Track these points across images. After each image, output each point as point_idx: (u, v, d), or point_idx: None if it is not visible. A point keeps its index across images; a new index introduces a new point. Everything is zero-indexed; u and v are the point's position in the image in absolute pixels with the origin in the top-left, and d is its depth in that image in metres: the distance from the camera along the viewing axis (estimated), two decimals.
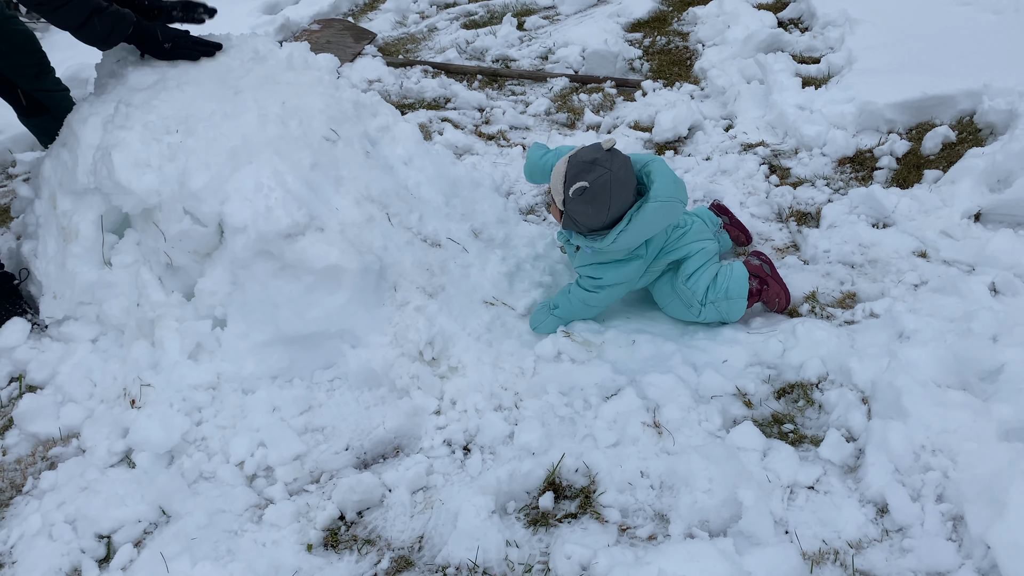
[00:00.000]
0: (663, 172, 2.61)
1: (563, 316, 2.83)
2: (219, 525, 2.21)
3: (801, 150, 3.93)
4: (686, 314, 2.84)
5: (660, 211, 2.57)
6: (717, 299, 2.76)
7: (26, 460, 2.52)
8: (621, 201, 2.56)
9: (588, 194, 2.54)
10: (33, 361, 2.78)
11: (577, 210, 2.61)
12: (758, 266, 2.91)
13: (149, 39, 2.91)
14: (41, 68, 3.22)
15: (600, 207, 2.56)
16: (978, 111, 3.64)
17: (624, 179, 2.55)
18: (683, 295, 2.80)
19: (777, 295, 2.87)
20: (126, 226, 2.89)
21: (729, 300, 2.76)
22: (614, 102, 4.83)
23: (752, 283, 2.83)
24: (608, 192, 2.53)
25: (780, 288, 2.88)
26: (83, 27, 2.72)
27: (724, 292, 2.76)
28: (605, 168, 2.52)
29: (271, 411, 2.57)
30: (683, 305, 2.82)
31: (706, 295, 2.76)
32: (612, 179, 2.52)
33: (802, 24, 5.36)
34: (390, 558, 2.11)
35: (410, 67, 5.54)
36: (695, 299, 2.78)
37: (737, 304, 2.78)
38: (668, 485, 2.21)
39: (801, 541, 2.02)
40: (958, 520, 2.00)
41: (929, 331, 2.53)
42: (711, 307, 2.78)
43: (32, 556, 2.16)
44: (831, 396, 2.43)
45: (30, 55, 3.15)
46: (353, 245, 2.70)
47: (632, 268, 2.74)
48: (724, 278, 2.78)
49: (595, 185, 2.52)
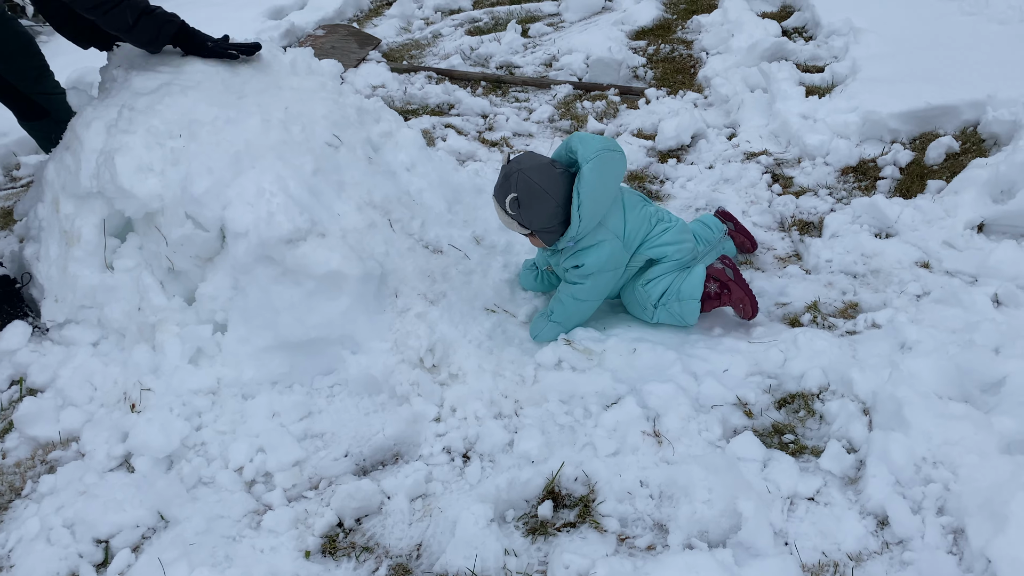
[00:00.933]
0: (583, 138, 2.64)
1: (560, 320, 2.82)
2: (217, 531, 2.21)
3: (804, 159, 3.92)
4: (642, 314, 2.88)
5: (598, 166, 2.57)
6: (668, 301, 2.78)
7: (25, 463, 2.52)
8: (549, 180, 2.59)
9: (521, 196, 2.59)
10: (34, 364, 2.78)
11: (531, 217, 2.63)
12: (720, 270, 2.89)
13: (193, 39, 3.00)
14: (41, 71, 3.23)
15: (539, 198, 2.59)
16: (982, 122, 3.63)
17: (536, 164, 2.61)
18: (639, 297, 2.83)
19: (741, 301, 2.84)
20: (128, 230, 2.90)
21: (681, 302, 2.77)
22: (617, 110, 4.83)
23: (710, 286, 2.82)
24: (530, 183, 2.58)
25: (744, 294, 2.83)
26: (133, 29, 2.81)
27: (676, 294, 2.78)
28: (514, 170, 2.60)
29: (271, 417, 2.56)
30: (639, 306, 2.86)
31: (660, 299, 2.79)
32: (525, 172, 2.59)
33: (806, 33, 5.37)
34: (388, 566, 2.11)
35: (414, 73, 5.55)
36: (649, 302, 2.81)
37: (689, 305, 2.78)
38: (667, 495, 2.20)
39: (801, 553, 2.01)
40: (959, 533, 1.99)
41: (931, 342, 2.52)
42: (663, 309, 2.80)
43: (30, 560, 2.15)
44: (832, 407, 2.42)
45: (31, 58, 3.16)
46: (355, 251, 2.70)
47: (608, 250, 2.70)
48: (679, 280, 2.80)
49: (518, 187, 2.58)
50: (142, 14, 2.81)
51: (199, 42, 3.01)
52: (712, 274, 2.85)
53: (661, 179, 3.97)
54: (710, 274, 2.84)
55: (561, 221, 2.65)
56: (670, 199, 3.77)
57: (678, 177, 3.95)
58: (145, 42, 2.92)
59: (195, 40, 3.01)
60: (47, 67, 3.26)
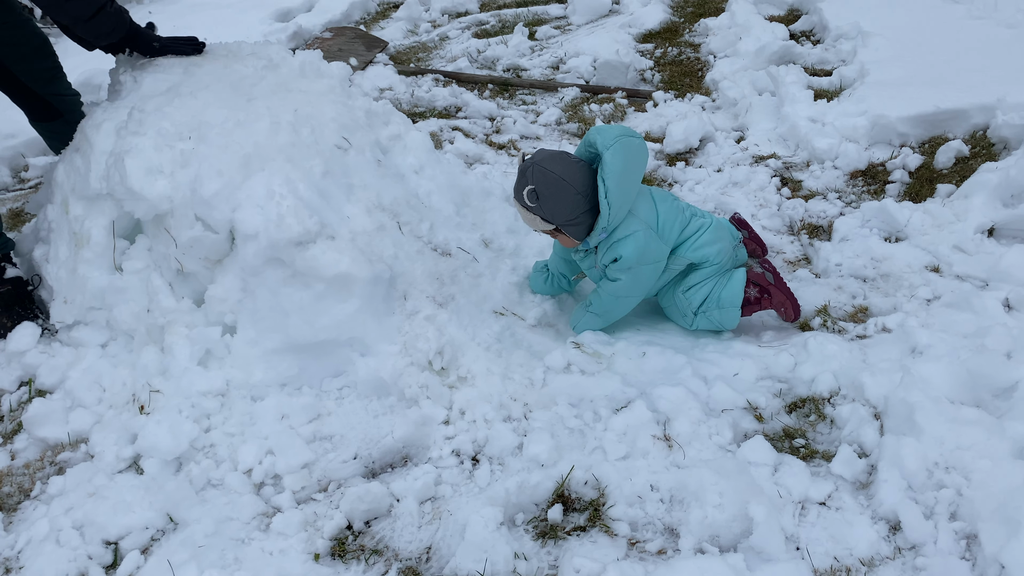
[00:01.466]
0: (600, 129, 2.63)
1: (599, 312, 2.80)
2: (226, 533, 2.21)
3: (813, 163, 3.92)
4: (681, 321, 2.88)
5: (620, 151, 2.55)
6: (709, 309, 2.78)
7: (34, 465, 2.52)
8: (566, 169, 2.59)
9: (539, 188, 2.58)
10: (43, 366, 2.78)
11: (552, 208, 2.61)
12: (760, 274, 2.90)
13: (140, 37, 3.01)
14: (56, 72, 3.24)
15: (558, 187, 2.58)
16: (992, 125, 3.62)
17: (551, 156, 2.62)
18: (680, 303, 2.82)
19: (782, 304, 2.85)
20: (138, 232, 2.90)
21: (721, 309, 2.78)
22: (625, 113, 4.83)
23: (751, 291, 2.82)
24: (547, 172, 2.58)
25: (785, 298, 2.85)
26: (91, 20, 2.77)
27: (716, 301, 2.78)
28: (529, 164, 2.61)
29: (280, 419, 2.56)
30: (679, 312, 2.86)
31: (700, 307, 2.79)
32: (540, 163, 2.59)
33: (814, 36, 5.36)
34: (397, 569, 2.10)
35: (421, 76, 5.56)
36: (689, 310, 2.81)
37: (730, 313, 2.78)
38: (678, 499, 2.19)
39: (812, 558, 2.00)
40: (972, 539, 1.98)
41: (942, 347, 2.51)
42: (703, 317, 2.80)
43: (39, 561, 2.15)
44: (843, 411, 2.41)
45: (46, 58, 3.17)
46: (364, 253, 2.70)
47: (644, 239, 2.66)
48: (719, 287, 2.79)
49: (535, 179, 2.58)
50: (101, 9, 2.79)
51: (146, 42, 3.03)
52: (752, 279, 2.84)
53: (670, 182, 3.97)
54: (750, 279, 2.84)
55: (586, 211, 2.62)
56: None
57: (687, 180, 3.95)
58: (96, 36, 2.90)
59: (141, 40, 3.02)
60: (61, 69, 3.27)
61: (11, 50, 3.05)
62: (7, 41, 3.02)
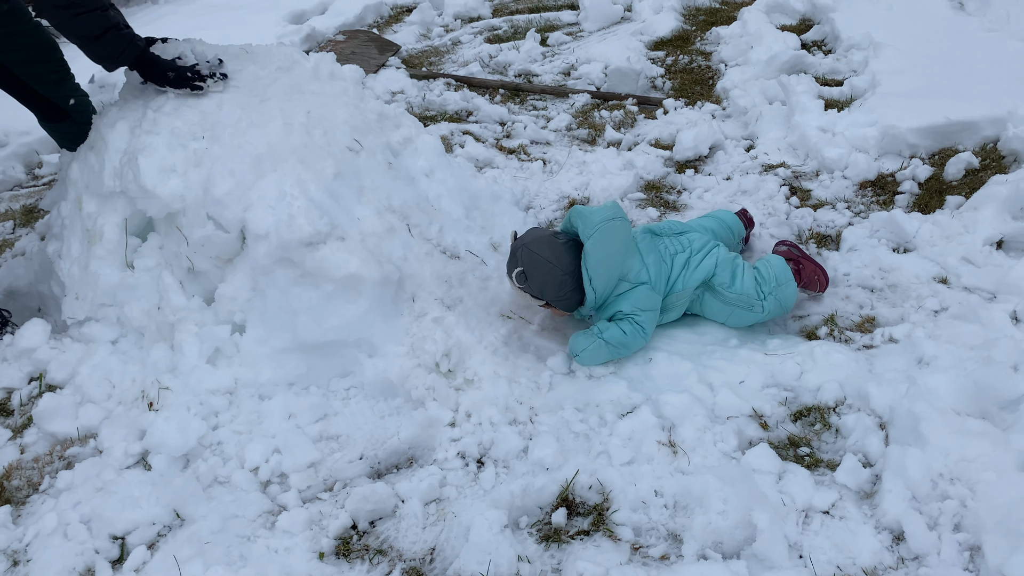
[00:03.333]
0: (581, 214, 2.76)
1: (613, 342, 2.69)
2: (232, 530, 2.22)
3: (822, 172, 3.92)
4: (751, 317, 2.88)
5: (600, 240, 2.68)
6: (773, 290, 2.83)
7: (43, 459, 2.54)
8: (551, 251, 2.71)
9: (527, 269, 2.69)
10: (54, 361, 2.81)
11: (540, 287, 2.72)
12: (786, 251, 3.04)
13: (153, 66, 2.87)
14: (62, 75, 3.25)
15: (544, 269, 2.69)
16: (1002, 138, 3.62)
17: (538, 238, 2.75)
18: (739, 302, 2.84)
19: (814, 273, 2.97)
20: (149, 230, 2.92)
21: (781, 286, 2.84)
22: (635, 119, 4.84)
23: (789, 265, 2.93)
24: (534, 256, 2.70)
25: (815, 266, 2.98)
26: (97, 40, 2.69)
27: (775, 280, 2.84)
28: (519, 246, 2.74)
29: (287, 418, 2.58)
30: (744, 310, 2.85)
31: (760, 290, 2.82)
32: (528, 246, 2.71)
33: (826, 46, 5.36)
34: (401, 569, 2.11)
35: (433, 80, 5.58)
36: (752, 299, 2.82)
37: (789, 288, 2.86)
38: (682, 505, 2.20)
39: (815, 566, 2.01)
40: (975, 550, 1.98)
41: (949, 358, 2.51)
42: (772, 299, 2.84)
43: (47, 555, 2.17)
44: (848, 420, 2.42)
45: (50, 63, 3.17)
46: (373, 255, 2.72)
47: (640, 293, 2.74)
48: (767, 269, 2.87)
49: (523, 261, 2.70)
50: (112, 28, 2.70)
51: (159, 71, 2.88)
52: (783, 255, 2.98)
53: (678, 189, 3.98)
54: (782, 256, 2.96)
55: (572, 288, 2.73)
56: (687, 209, 3.77)
57: (695, 188, 3.95)
58: (104, 57, 2.78)
59: (155, 68, 2.87)
60: (68, 71, 3.27)
61: (17, 55, 3.06)
62: (12, 47, 3.03)
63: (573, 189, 3.98)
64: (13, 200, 4.60)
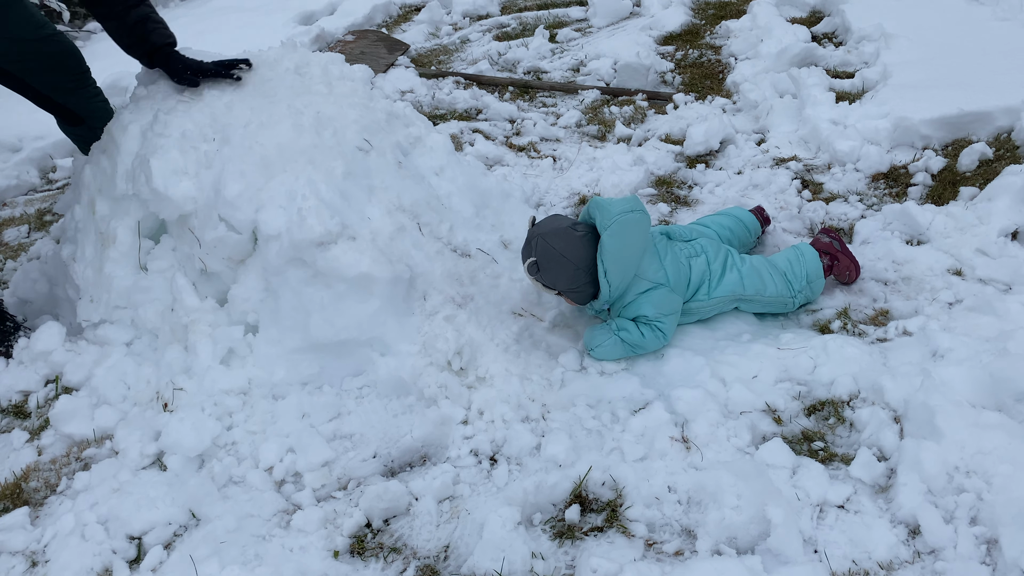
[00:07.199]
0: (600, 205, 2.70)
1: (632, 343, 2.69)
2: (248, 530, 2.24)
3: (834, 165, 3.89)
4: (780, 310, 2.94)
5: (617, 233, 2.62)
6: (803, 287, 2.88)
7: (60, 460, 2.57)
8: (567, 244, 2.66)
9: (540, 261, 2.65)
10: (69, 363, 2.83)
11: (552, 279, 2.69)
12: (828, 243, 3.03)
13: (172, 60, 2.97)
14: (78, 82, 3.26)
15: (557, 262, 2.65)
16: (1016, 128, 3.58)
17: (554, 229, 2.69)
18: (774, 305, 2.89)
19: (847, 268, 2.99)
20: (162, 232, 2.94)
21: (811, 283, 2.89)
22: (645, 115, 4.83)
23: (824, 260, 2.95)
24: (548, 248, 2.65)
25: (850, 261, 2.99)
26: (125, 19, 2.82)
27: (805, 277, 2.88)
28: (534, 235, 2.69)
29: (301, 417, 2.59)
30: (779, 308, 2.92)
31: (790, 287, 2.87)
32: (544, 237, 2.66)
33: (836, 38, 5.33)
34: (416, 567, 2.12)
35: (442, 78, 5.58)
36: (785, 298, 2.87)
37: (818, 284, 2.92)
38: (696, 501, 2.20)
39: (831, 561, 2.00)
40: (992, 544, 1.96)
41: (964, 350, 2.49)
42: (801, 295, 2.90)
43: (65, 555, 2.19)
44: (863, 414, 2.40)
45: (64, 71, 3.18)
46: (384, 254, 2.73)
47: (659, 295, 2.71)
48: (799, 265, 2.89)
49: (537, 252, 2.66)
50: (146, 19, 2.84)
51: (178, 68, 2.96)
52: (822, 248, 2.98)
53: (689, 184, 3.96)
54: (820, 249, 2.98)
55: (587, 282, 2.70)
56: (699, 204, 3.76)
57: (707, 182, 3.94)
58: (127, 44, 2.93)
59: (172, 62, 2.96)
60: (85, 77, 3.28)
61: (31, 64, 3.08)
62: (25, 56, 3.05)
63: (583, 186, 3.97)
64: (28, 204, 4.64)
